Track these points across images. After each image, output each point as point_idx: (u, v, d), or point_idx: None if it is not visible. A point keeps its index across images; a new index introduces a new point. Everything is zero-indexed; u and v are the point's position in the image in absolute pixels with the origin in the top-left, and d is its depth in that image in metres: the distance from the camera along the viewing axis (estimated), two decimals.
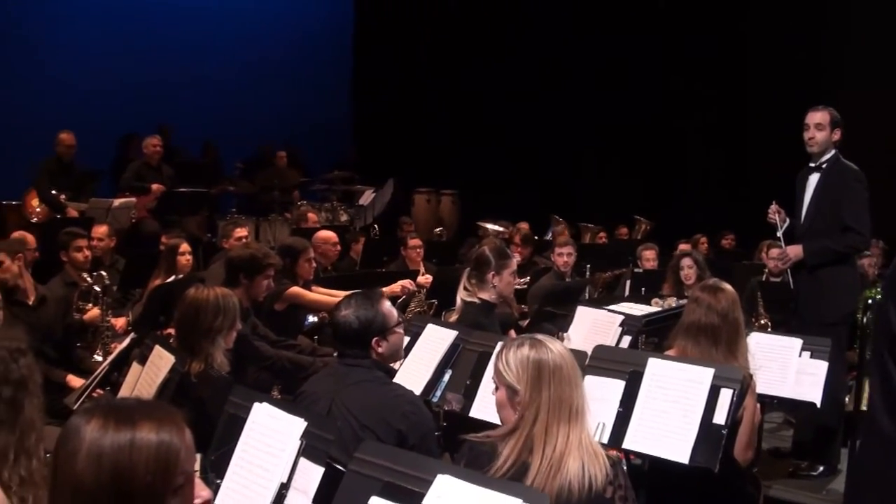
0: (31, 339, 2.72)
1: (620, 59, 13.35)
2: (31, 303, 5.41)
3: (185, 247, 6.98)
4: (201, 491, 1.70)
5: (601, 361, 3.77)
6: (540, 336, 2.83)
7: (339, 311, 3.44)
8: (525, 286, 8.05)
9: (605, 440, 3.51)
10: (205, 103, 13.34)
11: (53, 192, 9.33)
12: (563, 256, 7.69)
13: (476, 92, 14.48)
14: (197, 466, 1.70)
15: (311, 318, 7.04)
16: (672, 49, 13.15)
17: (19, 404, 2.38)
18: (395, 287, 6.06)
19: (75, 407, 4.51)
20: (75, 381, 5.04)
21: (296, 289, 5.84)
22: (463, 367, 4.19)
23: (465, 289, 5.13)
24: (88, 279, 5.99)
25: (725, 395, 3.45)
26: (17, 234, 7.37)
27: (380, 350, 3.43)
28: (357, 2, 16.48)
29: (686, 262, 7.28)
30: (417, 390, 3.96)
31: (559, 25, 14.01)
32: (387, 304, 3.49)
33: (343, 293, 5.00)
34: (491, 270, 5.10)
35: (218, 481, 1.94)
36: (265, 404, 2.85)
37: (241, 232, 7.67)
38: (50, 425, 2.86)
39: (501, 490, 2.16)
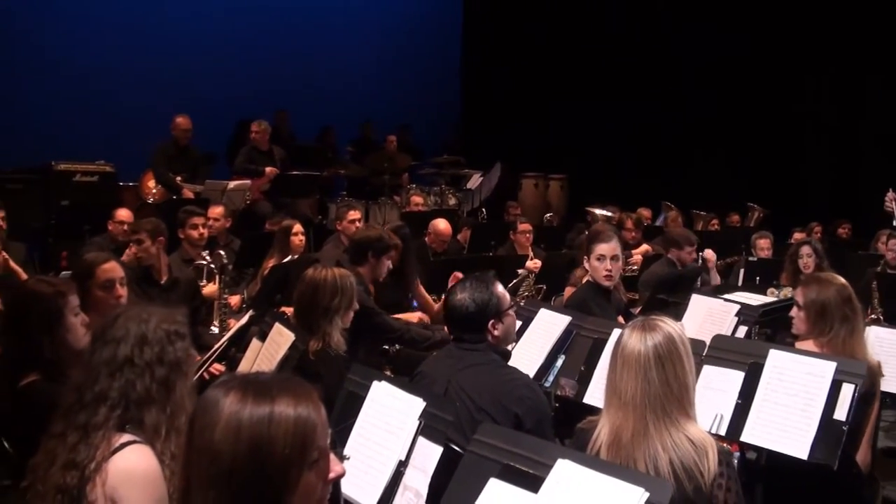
0: None
1: (735, 46, 13.03)
2: (162, 283, 5.60)
3: (298, 228, 7.13)
4: (335, 466, 1.71)
5: (720, 352, 3.68)
6: (655, 318, 2.79)
7: (454, 295, 3.45)
8: (635, 273, 7.97)
9: (723, 432, 3.43)
10: (319, 87, 13.56)
11: (170, 174, 9.63)
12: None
13: (586, 76, 14.32)
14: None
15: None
16: (787, 38, 12.77)
17: (172, 385, 2.48)
18: (413, 317, 5.93)
19: (192, 381, 4.66)
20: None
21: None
22: (577, 353, 4.17)
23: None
24: (207, 257, 6.16)
25: (847, 390, 3.33)
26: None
27: (496, 333, 3.42)
28: None
29: (805, 250, 7.09)
30: (529, 374, 3.94)
31: (671, 12, 13.75)
32: (500, 288, 3.49)
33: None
34: (584, 254, 5.17)
35: (347, 457, 1.97)
36: (384, 383, 2.89)
37: (354, 214, 7.79)
38: None
39: (623, 477, 2.13)
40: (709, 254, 7.57)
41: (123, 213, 7.61)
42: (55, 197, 8.95)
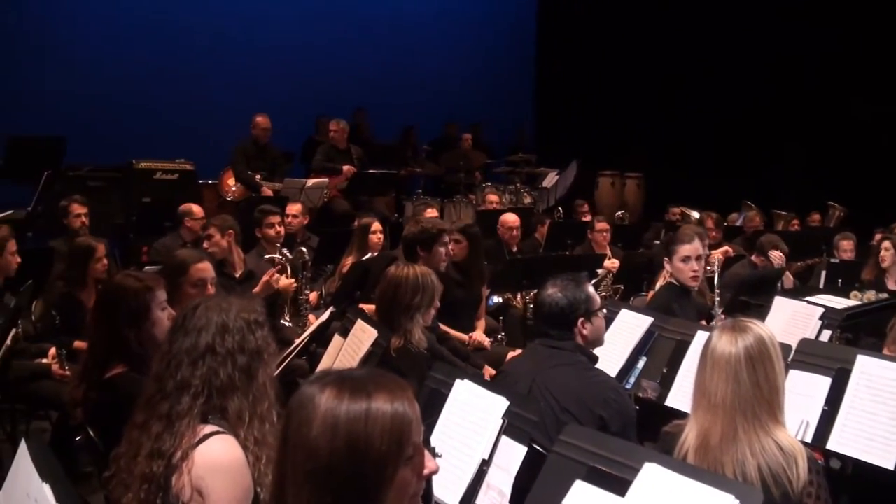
0: None
1: (820, 44, 12.73)
2: (238, 276, 5.69)
3: (376, 225, 7.20)
4: (429, 462, 1.72)
5: (807, 356, 3.61)
6: (745, 320, 2.75)
7: (544, 290, 3.43)
8: (713, 274, 7.83)
9: (809, 439, 3.36)
10: (396, 87, 13.66)
11: (249, 172, 9.78)
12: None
13: (663, 73, 14.14)
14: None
15: (496, 299, 7.11)
16: (872, 35, 12.44)
17: (253, 372, 2.51)
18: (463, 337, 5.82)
19: (275, 374, 4.73)
20: None
21: None
22: (659, 354, 4.12)
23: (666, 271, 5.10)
24: (287, 254, 6.25)
25: None
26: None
27: (584, 332, 3.41)
28: None
29: (886, 244, 6.93)
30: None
31: (752, 8, 13.48)
32: (592, 289, 3.47)
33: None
34: (665, 255, 5.10)
35: (440, 455, 1.98)
36: (467, 381, 2.89)
37: (431, 213, 7.83)
38: None
39: (712, 483, 2.08)
40: (776, 255, 7.42)
41: (194, 209, 7.68)
42: (136, 194, 9.15)
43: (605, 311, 3.55)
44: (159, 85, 11.59)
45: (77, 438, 3.78)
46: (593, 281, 6.38)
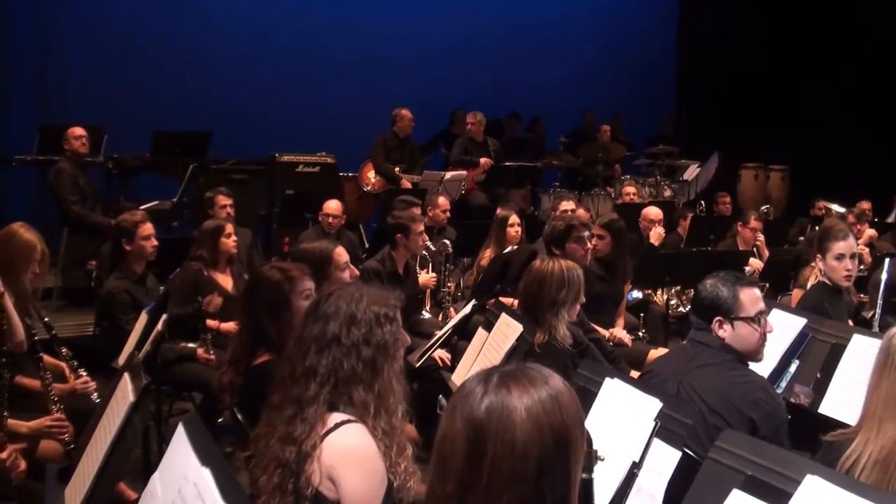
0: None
1: None
2: (399, 272, 5.82)
3: (514, 219, 7.18)
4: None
5: None
6: None
7: (703, 281, 3.35)
8: (863, 273, 7.49)
9: None
10: (532, 77, 13.58)
11: (389, 164, 9.93)
12: None
13: (808, 60, 13.55)
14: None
15: (636, 294, 7.00)
16: None
17: (379, 367, 2.52)
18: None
19: (417, 365, 4.79)
20: None
21: None
22: (813, 358, 3.94)
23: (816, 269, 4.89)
24: (430, 246, 6.30)
25: None
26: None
27: (720, 334, 3.28)
28: None
29: None
30: None
31: None
32: (748, 292, 3.30)
33: None
34: (816, 252, 4.88)
35: (602, 458, 1.94)
36: (616, 380, 2.84)
37: (565, 205, 7.78)
38: None
39: (881, 501, 1.95)
40: None
41: (332, 205, 7.75)
42: (279, 186, 9.38)
43: (761, 321, 3.33)
44: (301, 81, 11.92)
45: (219, 420, 3.94)
46: None
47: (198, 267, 5.81)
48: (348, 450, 2.38)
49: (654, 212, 7.99)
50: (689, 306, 3.47)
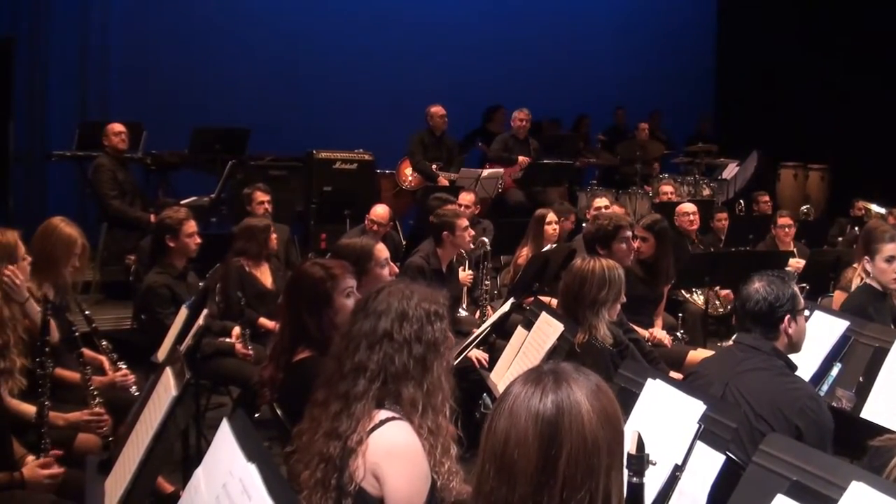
0: None
1: None
2: (443, 269, 5.83)
3: (552, 217, 7.16)
4: None
5: None
6: None
7: (750, 284, 3.31)
8: None
9: None
10: (570, 75, 13.52)
11: (426, 162, 9.95)
12: None
13: (849, 58, 13.34)
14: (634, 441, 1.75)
15: None
16: None
17: (429, 364, 2.51)
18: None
19: (454, 364, 4.78)
20: None
21: None
22: (855, 362, 3.88)
23: (860, 270, 4.82)
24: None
25: None
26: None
27: (790, 331, 3.26)
28: None
29: None
30: None
31: None
32: (796, 287, 3.32)
33: None
34: (864, 253, 4.84)
35: (654, 462, 1.92)
36: (659, 381, 2.81)
37: (598, 202, 7.77)
38: None
39: None
40: None
41: (379, 211, 7.52)
42: (316, 183, 9.41)
43: (807, 312, 3.37)
44: (339, 78, 11.93)
45: (256, 415, 3.96)
46: None
47: (240, 263, 5.86)
48: (393, 447, 2.37)
49: (689, 207, 7.93)
50: (735, 308, 3.41)
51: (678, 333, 6.18)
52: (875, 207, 9.82)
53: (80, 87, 10.66)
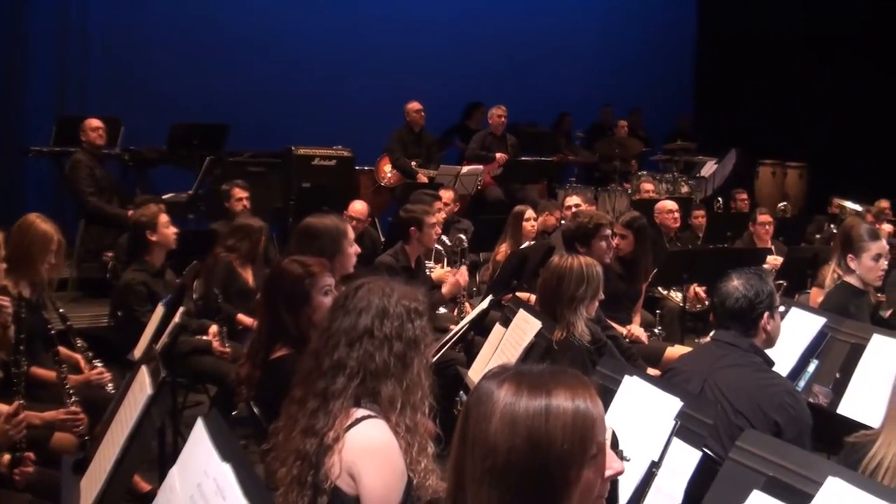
0: None
1: None
2: (412, 266, 5.81)
3: (530, 213, 7.17)
4: (612, 462, 1.64)
5: None
6: None
7: (728, 282, 3.32)
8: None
9: None
10: (551, 72, 13.52)
11: (405, 158, 9.91)
12: None
13: (827, 57, 13.43)
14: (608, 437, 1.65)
15: None
16: None
17: (409, 361, 2.50)
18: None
19: (432, 360, 4.77)
20: None
21: None
22: (832, 358, 3.91)
23: (836, 268, 4.83)
24: (446, 241, 6.29)
25: None
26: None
27: (768, 328, 3.28)
28: None
29: None
30: None
31: None
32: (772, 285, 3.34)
33: None
34: (847, 251, 4.80)
35: (628, 459, 1.90)
36: (636, 378, 2.82)
37: (569, 201, 7.79)
38: None
39: None
40: None
41: (357, 206, 7.70)
42: (295, 179, 9.37)
43: (782, 308, 3.40)
44: (318, 74, 11.88)
45: (233, 413, 3.94)
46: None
47: (229, 258, 5.83)
48: (370, 445, 2.36)
49: (671, 204, 7.95)
50: (713, 305, 3.42)
51: (656, 330, 6.21)
52: (850, 205, 9.89)
53: (58, 82, 10.57)
